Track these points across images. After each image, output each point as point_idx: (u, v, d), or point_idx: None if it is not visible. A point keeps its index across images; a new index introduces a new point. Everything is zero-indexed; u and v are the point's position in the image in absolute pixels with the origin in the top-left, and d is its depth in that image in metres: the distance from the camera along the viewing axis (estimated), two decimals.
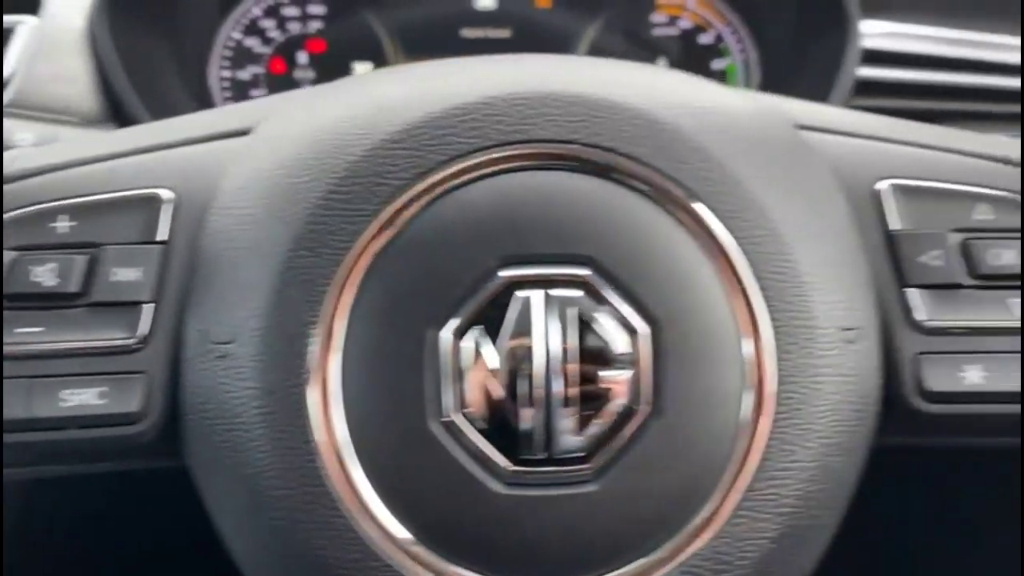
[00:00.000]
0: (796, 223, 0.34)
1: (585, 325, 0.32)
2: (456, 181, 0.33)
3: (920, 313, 0.36)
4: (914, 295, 0.36)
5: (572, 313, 0.32)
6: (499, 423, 0.32)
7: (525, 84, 0.34)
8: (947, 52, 0.77)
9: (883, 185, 0.37)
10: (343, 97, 0.37)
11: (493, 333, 0.32)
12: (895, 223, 0.37)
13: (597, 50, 0.83)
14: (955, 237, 0.37)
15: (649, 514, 0.32)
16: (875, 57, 0.76)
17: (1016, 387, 0.36)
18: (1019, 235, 0.37)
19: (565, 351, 0.32)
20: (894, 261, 0.37)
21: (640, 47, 0.83)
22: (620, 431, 0.32)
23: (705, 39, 0.83)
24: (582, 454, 0.32)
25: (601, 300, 0.32)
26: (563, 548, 0.32)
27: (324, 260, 0.32)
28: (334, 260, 0.32)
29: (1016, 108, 0.76)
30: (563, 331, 0.32)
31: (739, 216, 0.33)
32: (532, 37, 0.83)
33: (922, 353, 0.36)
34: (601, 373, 0.32)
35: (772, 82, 0.81)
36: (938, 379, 0.36)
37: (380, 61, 0.82)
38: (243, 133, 0.37)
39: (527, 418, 0.32)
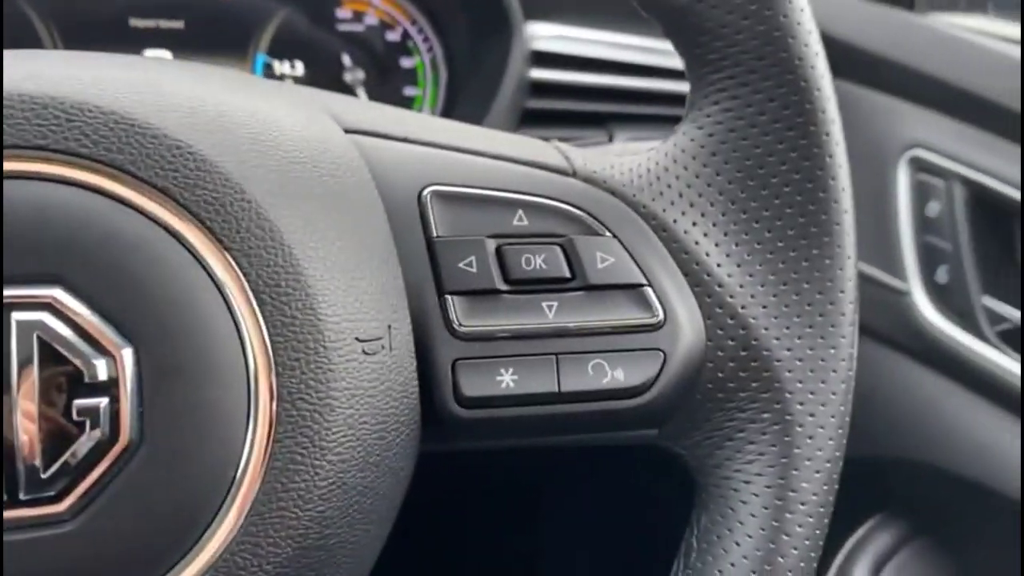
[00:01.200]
0: (309, 233, 0.33)
1: (53, 352, 0.29)
2: None
3: (457, 320, 0.36)
4: (451, 302, 0.36)
5: (36, 339, 0.29)
6: None
7: None
8: (617, 56, 0.81)
9: (427, 192, 0.37)
10: None
11: None
12: (435, 230, 0.37)
13: (279, 46, 0.80)
14: (492, 243, 0.37)
15: (140, 549, 0.30)
16: (548, 59, 0.78)
17: (547, 388, 0.36)
18: (549, 240, 0.37)
19: (30, 383, 0.29)
20: (435, 269, 0.37)
21: (325, 43, 0.81)
22: (98, 464, 0.30)
23: (392, 36, 0.83)
24: (52, 493, 0.29)
25: (73, 323, 0.30)
26: None
27: None
28: None
29: (675, 111, 0.81)
30: (28, 360, 0.29)
31: (239, 228, 0.32)
32: (207, 29, 0.79)
33: (459, 360, 0.36)
34: (75, 402, 0.30)
35: (456, 81, 0.81)
36: (473, 385, 0.36)
37: None
38: None
39: None
